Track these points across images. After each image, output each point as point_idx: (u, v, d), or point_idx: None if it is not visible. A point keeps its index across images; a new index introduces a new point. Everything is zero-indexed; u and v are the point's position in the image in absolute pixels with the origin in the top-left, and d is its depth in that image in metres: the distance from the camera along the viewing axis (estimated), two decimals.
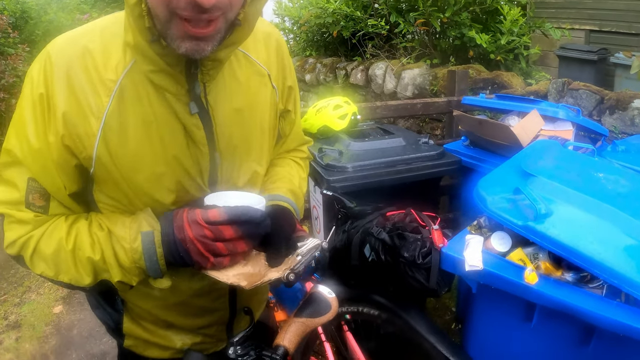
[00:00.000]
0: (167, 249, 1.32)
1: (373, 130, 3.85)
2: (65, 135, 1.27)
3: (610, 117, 4.57)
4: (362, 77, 7.36)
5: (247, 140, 1.51)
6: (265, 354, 1.37)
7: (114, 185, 1.37)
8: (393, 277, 2.49)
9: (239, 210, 1.31)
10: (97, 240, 1.34)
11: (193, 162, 1.40)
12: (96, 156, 1.31)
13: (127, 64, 1.29)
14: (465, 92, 4.92)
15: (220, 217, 1.29)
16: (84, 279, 1.34)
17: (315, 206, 3.64)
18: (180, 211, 1.36)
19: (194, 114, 1.34)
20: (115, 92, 1.28)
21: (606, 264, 1.92)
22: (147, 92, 1.30)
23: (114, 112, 1.29)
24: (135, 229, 1.34)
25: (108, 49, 1.30)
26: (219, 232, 1.29)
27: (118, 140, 1.31)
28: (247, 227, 1.32)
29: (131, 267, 1.33)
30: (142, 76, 1.29)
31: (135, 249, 1.32)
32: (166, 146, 1.35)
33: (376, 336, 2.82)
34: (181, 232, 1.31)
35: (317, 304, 1.49)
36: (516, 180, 2.40)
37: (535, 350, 2.23)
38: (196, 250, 1.30)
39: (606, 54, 6.86)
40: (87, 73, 1.27)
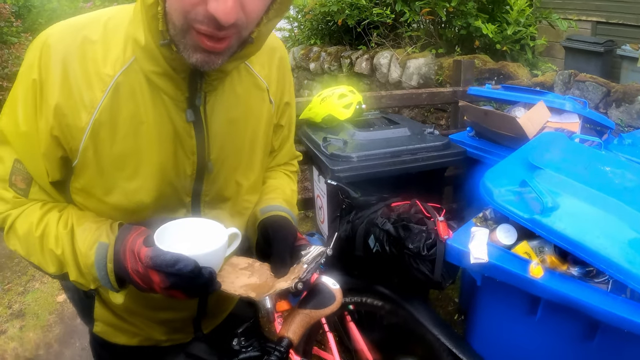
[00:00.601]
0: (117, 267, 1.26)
1: (378, 119, 3.83)
2: (54, 127, 1.25)
3: (616, 109, 4.55)
4: (367, 66, 7.33)
5: (237, 152, 1.49)
6: (269, 345, 1.35)
7: (92, 180, 1.34)
8: (397, 268, 2.49)
9: (166, 259, 1.16)
10: (60, 236, 1.32)
11: (178, 169, 1.38)
12: (82, 149, 1.29)
13: (126, 61, 1.26)
14: (470, 82, 4.90)
15: (145, 261, 1.18)
16: (49, 266, 1.35)
17: (320, 196, 3.63)
18: (131, 233, 1.28)
19: (189, 121, 1.33)
20: (110, 88, 1.26)
21: (612, 259, 1.91)
22: (143, 92, 1.28)
23: (106, 108, 1.26)
24: (95, 237, 1.30)
25: (108, 42, 1.27)
26: (148, 275, 1.19)
27: (106, 137, 1.28)
28: (176, 279, 1.17)
29: (86, 271, 1.30)
30: (141, 75, 1.27)
31: (89, 256, 1.28)
32: (153, 149, 1.33)
33: (379, 327, 2.82)
34: (124, 259, 1.24)
35: (321, 295, 1.47)
36: (522, 173, 2.38)
37: (539, 344, 2.22)
38: (135, 282, 1.23)
39: (613, 46, 6.83)
40: (84, 65, 1.25)
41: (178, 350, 1.62)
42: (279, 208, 1.64)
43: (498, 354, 2.38)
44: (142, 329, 1.67)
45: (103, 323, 1.66)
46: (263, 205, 1.65)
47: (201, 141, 1.37)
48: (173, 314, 1.66)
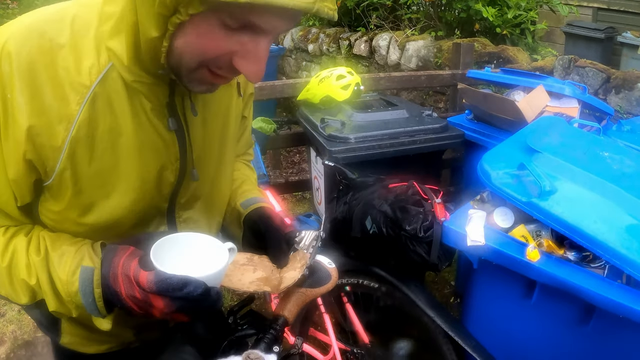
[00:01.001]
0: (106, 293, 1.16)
1: (376, 101, 3.82)
2: (28, 150, 1.10)
3: (616, 96, 4.53)
4: (366, 48, 7.30)
5: (213, 152, 1.45)
6: (265, 323, 1.35)
7: (69, 202, 1.22)
8: (394, 250, 2.48)
9: (173, 283, 1.08)
10: (33, 264, 1.18)
11: (160, 178, 1.31)
12: (58, 170, 1.15)
13: (102, 68, 1.13)
14: (470, 65, 4.89)
15: (147, 286, 1.09)
16: (20, 297, 1.20)
17: (317, 177, 3.63)
18: (120, 254, 1.18)
19: (171, 130, 1.26)
20: (87, 100, 1.12)
21: (609, 244, 1.91)
22: (121, 102, 1.17)
23: (83, 123, 1.13)
24: (77, 261, 1.18)
25: (79, 46, 1.12)
26: (149, 300, 1.11)
27: (84, 154, 1.16)
28: (183, 303, 1.11)
29: (68, 300, 1.17)
30: (119, 83, 1.15)
31: (72, 282, 1.16)
32: (133, 161, 1.23)
33: (375, 308, 2.82)
34: (115, 284, 1.14)
35: (317, 274, 1.47)
36: (521, 156, 2.38)
37: (534, 327, 2.23)
38: (130, 307, 1.15)
39: (613, 33, 6.81)
40: (54, 74, 1.09)
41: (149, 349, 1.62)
42: (259, 199, 1.64)
43: (493, 336, 2.38)
44: (113, 334, 1.52)
45: (71, 335, 1.55)
46: (241, 199, 1.64)
47: (183, 148, 1.32)
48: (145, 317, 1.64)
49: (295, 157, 7.18)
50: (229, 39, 1.01)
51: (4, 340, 3.87)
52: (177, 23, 0.98)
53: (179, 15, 0.96)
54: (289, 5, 0.91)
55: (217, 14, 0.95)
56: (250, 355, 1.16)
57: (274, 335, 1.31)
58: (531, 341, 2.27)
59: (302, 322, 2.94)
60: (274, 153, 6.44)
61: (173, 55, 1.05)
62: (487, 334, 2.40)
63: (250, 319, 1.39)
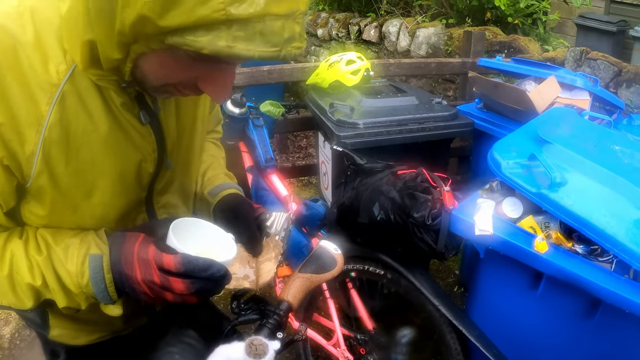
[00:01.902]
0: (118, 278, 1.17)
1: (386, 87, 3.80)
2: (4, 157, 1.07)
3: (627, 90, 4.50)
4: (376, 34, 7.26)
5: (185, 137, 1.43)
6: (268, 309, 1.34)
7: (47, 202, 1.19)
8: (401, 237, 2.47)
9: (200, 265, 1.13)
10: (36, 264, 1.16)
11: (140, 171, 1.30)
12: (35, 175, 1.12)
13: (69, 66, 1.08)
14: (480, 54, 4.86)
15: (174, 268, 1.12)
16: (24, 303, 1.18)
17: (324, 162, 3.62)
18: (131, 240, 1.20)
19: (145, 124, 1.24)
20: (57, 100, 1.08)
21: (617, 239, 1.90)
22: (93, 99, 1.13)
23: (54, 123, 1.09)
24: (83, 251, 1.17)
25: (43, 43, 1.07)
26: (169, 284, 1.13)
27: (59, 156, 1.12)
28: (204, 284, 1.14)
29: (78, 292, 1.17)
30: (87, 81, 1.11)
31: (82, 272, 1.15)
32: (109, 157, 1.21)
33: (380, 295, 2.82)
34: (129, 269, 1.15)
35: (322, 260, 1.45)
36: (531, 146, 2.36)
37: (539, 319, 2.22)
38: (143, 292, 1.16)
39: (625, 27, 6.75)
40: (20, 74, 1.04)
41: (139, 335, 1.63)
42: (228, 185, 1.63)
43: (497, 327, 2.38)
44: (102, 324, 1.57)
45: (60, 328, 1.53)
46: (208, 187, 1.63)
47: (160, 139, 1.30)
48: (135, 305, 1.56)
49: (302, 141, 7.16)
50: (194, 67, 1.00)
51: (9, 320, 3.89)
52: (139, 53, 0.96)
53: (140, 45, 0.94)
54: (254, 57, 0.91)
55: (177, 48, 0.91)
56: (254, 341, 1.15)
57: (277, 321, 1.30)
58: (535, 333, 2.27)
59: (306, 307, 2.94)
60: (281, 137, 6.43)
61: (136, 73, 1.03)
62: (491, 324, 2.39)
63: (254, 304, 1.37)
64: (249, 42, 0.88)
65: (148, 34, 0.89)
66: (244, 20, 0.86)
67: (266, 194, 3.07)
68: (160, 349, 1.56)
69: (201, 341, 1.61)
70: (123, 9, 0.87)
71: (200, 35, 0.86)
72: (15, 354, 3.61)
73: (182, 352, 1.55)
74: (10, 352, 3.63)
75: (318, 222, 2.67)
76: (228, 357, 1.16)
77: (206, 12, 0.83)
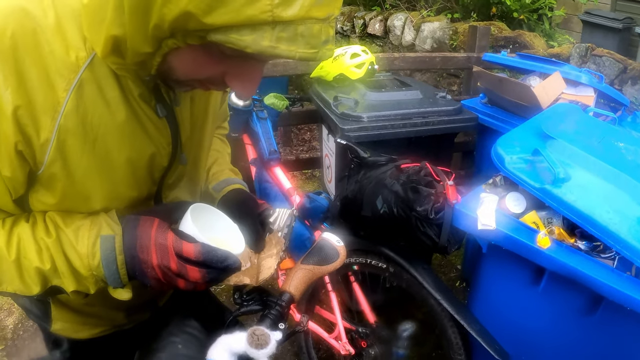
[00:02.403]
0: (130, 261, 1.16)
1: (390, 81, 3.80)
2: (18, 142, 1.05)
3: (632, 87, 4.49)
4: (381, 28, 7.25)
5: (198, 132, 1.43)
6: (271, 300, 1.34)
7: (58, 191, 1.17)
8: (403, 231, 2.47)
9: (218, 256, 1.15)
10: (46, 247, 1.14)
11: (150, 164, 1.29)
12: (47, 163, 1.10)
13: (88, 53, 1.07)
14: (485, 49, 4.84)
15: (194, 257, 1.13)
16: (31, 289, 1.16)
17: (328, 155, 3.62)
18: (147, 224, 1.19)
19: (162, 117, 1.24)
20: (75, 87, 1.06)
21: (620, 235, 1.90)
22: (112, 88, 1.12)
23: (71, 111, 1.07)
24: (94, 232, 1.15)
25: (63, 27, 1.05)
26: (185, 271, 1.14)
27: (75, 145, 1.11)
28: (217, 274, 1.17)
29: (88, 274, 1.15)
30: (106, 69, 1.10)
31: (94, 254, 1.14)
32: (125, 149, 1.20)
33: (382, 289, 2.82)
34: (144, 253, 1.15)
35: (324, 252, 1.45)
36: (535, 142, 2.36)
37: (540, 315, 2.23)
38: (154, 277, 1.16)
39: (631, 24, 6.73)
40: (39, 59, 1.02)
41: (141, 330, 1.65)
42: (233, 181, 1.64)
43: (499, 322, 2.38)
44: (104, 318, 1.59)
45: (62, 321, 1.53)
46: (213, 182, 1.64)
47: (175, 133, 1.30)
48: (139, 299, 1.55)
49: (306, 134, 7.16)
50: (225, 62, 1.02)
51: (12, 311, 3.91)
52: (173, 47, 0.96)
53: (175, 40, 0.94)
54: (295, 57, 0.92)
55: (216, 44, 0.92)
56: (256, 331, 1.16)
57: (279, 312, 1.30)
58: (537, 328, 2.27)
59: (308, 300, 2.95)
60: (285, 130, 6.42)
61: (163, 67, 1.03)
62: (492, 319, 2.40)
63: (256, 295, 1.38)
64: (291, 43, 0.90)
65: (188, 30, 0.90)
66: (288, 22, 0.88)
67: (269, 186, 3.07)
68: (163, 339, 1.56)
69: (203, 332, 1.62)
70: (165, 4, 0.86)
71: (244, 35, 0.87)
72: (19, 345, 3.63)
73: (184, 342, 1.55)
74: (14, 343, 3.64)
75: (321, 215, 2.67)
76: (230, 347, 1.16)
77: (253, 13, 0.84)
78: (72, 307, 1.52)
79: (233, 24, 0.86)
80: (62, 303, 1.51)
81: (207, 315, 1.71)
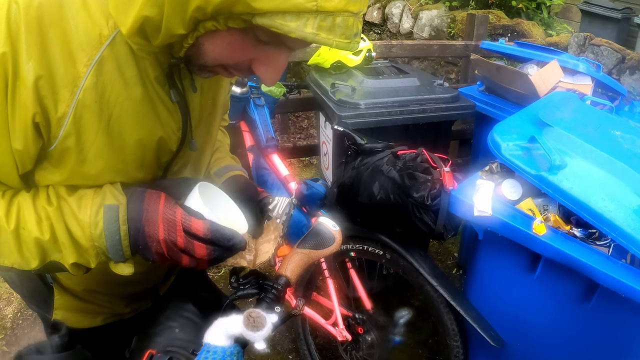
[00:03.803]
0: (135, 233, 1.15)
1: (387, 68, 3.80)
2: (37, 113, 1.04)
3: (630, 77, 4.49)
4: (379, 16, 7.24)
5: (207, 120, 1.45)
6: (267, 283, 1.35)
7: (67, 168, 1.16)
8: (400, 217, 2.48)
9: (226, 234, 1.18)
10: (46, 216, 1.12)
11: (158, 148, 1.28)
12: (62, 137, 1.10)
13: (111, 31, 1.07)
14: (483, 37, 4.85)
15: (203, 234, 1.15)
16: (29, 262, 1.14)
17: (325, 142, 3.62)
18: (153, 198, 1.18)
19: (174, 102, 1.25)
20: (95, 63, 1.07)
21: (615, 223, 1.90)
22: (130, 68, 1.13)
23: (90, 87, 1.07)
24: (98, 201, 1.14)
25: (88, 4, 1.06)
26: (191, 247, 1.15)
27: (90, 122, 1.11)
28: (223, 252, 1.19)
29: (89, 246, 1.13)
30: (126, 49, 1.11)
31: (96, 223, 1.12)
32: (136, 130, 1.20)
33: (379, 276, 2.83)
34: (151, 227, 1.14)
35: (320, 236, 1.46)
36: (532, 129, 2.36)
37: (536, 301, 2.23)
38: (159, 252, 1.16)
39: (630, 14, 6.72)
40: (63, 32, 1.03)
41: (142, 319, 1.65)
42: (233, 167, 1.66)
43: (494, 308, 2.39)
44: (105, 306, 1.60)
45: (64, 310, 1.53)
46: (215, 167, 1.65)
47: (185, 119, 1.31)
48: (140, 286, 1.63)
49: (303, 122, 7.16)
50: (255, 49, 1.06)
51: (11, 300, 3.92)
52: (211, 30, 1.00)
53: (215, 23, 0.98)
54: (332, 45, 0.98)
55: (253, 30, 0.99)
56: (252, 313, 1.17)
57: (275, 295, 1.31)
58: (532, 315, 2.28)
59: (305, 287, 2.96)
60: (282, 117, 6.42)
61: (192, 50, 1.07)
62: (488, 305, 2.41)
63: (253, 279, 1.39)
64: (330, 32, 0.96)
65: (233, 13, 0.94)
66: (329, 12, 0.94)
67: (267, 173, 3.08)
68: (161, 324, 1.57)
69: (200, 316, 1.62)
70: None
71: (289, 21, 0.93)
72: (18, 334, 3.64)
73: (181, 327, 1.56)
74: (13, 332, 3.66)
75: (318, 202, 2.68)
76: (226, 330, 1.17)
77: (300, 1, 0.91)
78: (73, 295, 1.52)
79: (280, 10, 0.92)
80: (64, 290, 1.51)
81: (204, 301, 1.71)
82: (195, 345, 1.38)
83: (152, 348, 1.41)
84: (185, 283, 1.77)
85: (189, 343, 1.46)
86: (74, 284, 1.50)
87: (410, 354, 3.33)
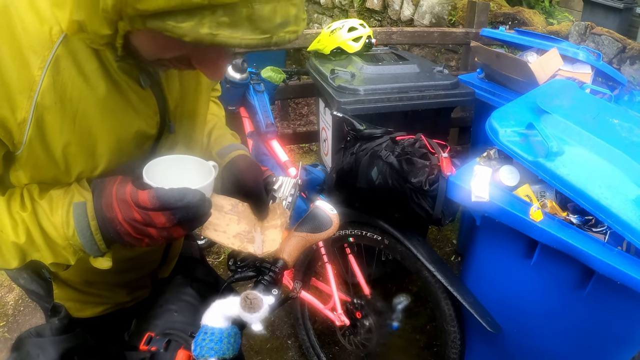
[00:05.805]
0: (102, 223, 1.12)
1: (387, 55, 3.80)
2: None
3: (630, 67, 4.49)
4: (379, 3, 7.21)
5: (189, 99, 1.40)
6: (264, 266, 1.36)
7: (39, 169, 1.14)
8: (398, 202, 2.49)
9: (174, 195, 1.09)
10: (21, 221, 1.11)
11: (137, 136, 1.25)
12: (26, 142, 1.07)
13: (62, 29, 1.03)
14: (484, 24, 4.84)
15: (150, 204, 1.08)
16: (10, 263, 1.13)
17: (325, 128, 3.63)
18: (110, 183, 1.15)
19: (146, 88, 1.20)
20: (50, 63, 1.02)
21: (612, 210, 1.91)
22: (88, 62, 1.08)
23: (47, 88, 1.03)
24: (67, 201, 1.12)
25: (36, 3, 1.02)
26: (149, 219, 1.09)
27: (53, 123, 1.08)
28: (184, 212, 1.10)
29: (65, 244, 1.12)
30: (82, 43, 1.05)
31: (68, 222, 1.10)
32: (108, 123, 1.16)
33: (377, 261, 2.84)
34: (110, 211, 1.11)
35: (318, 220, 1.47)
36: (530, 116, 2.36)
37: (532, 287, 2.24)
38: (126, 233, 1.11)
39: (632, 4, 6.71)
40: (11, 37, 0.99)
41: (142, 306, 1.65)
42: (235, 146, 1.62)
43: (491, 294, 2.41)
44: (106, 296, 1.60)
45: (64, 301, 1.52)
46: (216, 147, 1.61)
47: (162, 103, 1.27)
48: (137, 273, 1.63)
49: (303, 109, 7.16)
50: (186, 46, 0.93)
51: (13, 287, 3.94)
52: (126, 30, 0.92)
53: (124, 23, 0.90)
54: (240, 45, 0.86)
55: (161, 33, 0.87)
56: (249, 295, 1.18)
57: (272, 278, 1.33)
58: (529, 301, 2.29)
59: (304, 272, 2.97)
60: (282, 104, 6.43)
61: (130, 47, 1.00)
62: (485, 291, 2.43)
63: (250, 261, 1.40)
64: (235, 29, 0.84)
65: (130, 15, 0.86)
66: (229, 4, 0.81)
67: (266, 159, 3.09)
68: (159, 307, 1.58)
69: (199, 299, 1.64)
70: None
71: (181, 21, 0.82)
72: (20, 321, 3.66)
73: (180, 310, 1.57)
74: (15, 319, 3.68)
75: (317, 187, 2.69)
76: (224, 311, 1.19)
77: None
78: (74, 286, 1.53)
79: (168, 9, 0.81)
80: (63, 282, 1.52)
81: (203, 284, 1.73)
82: (193, 328, 1.40)
83: (151, 331, 1.42)
84: (184, 267, 1.78)
85: (187, 326, 1.47)
86: (72, 276, 1.50)
87: (408, 339, 3.35)
